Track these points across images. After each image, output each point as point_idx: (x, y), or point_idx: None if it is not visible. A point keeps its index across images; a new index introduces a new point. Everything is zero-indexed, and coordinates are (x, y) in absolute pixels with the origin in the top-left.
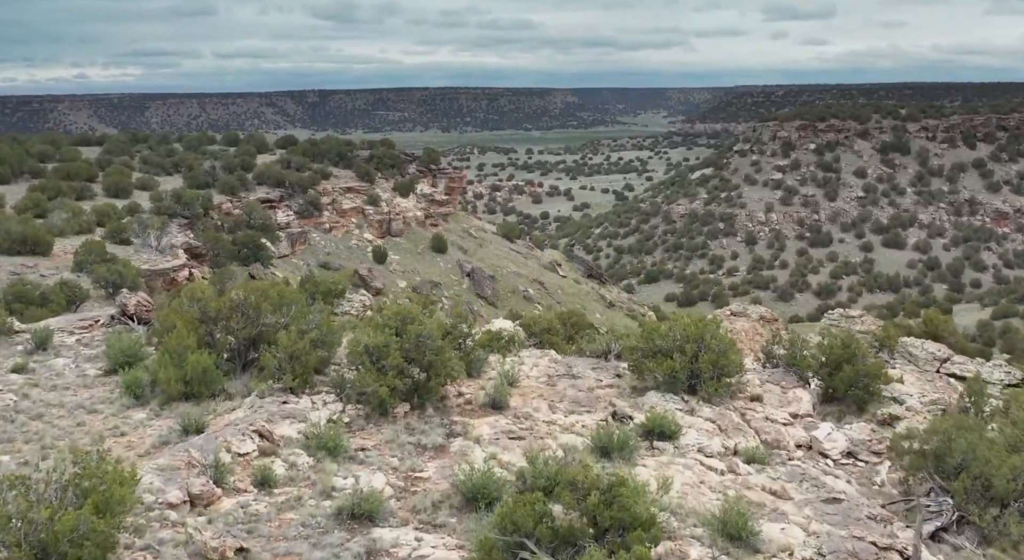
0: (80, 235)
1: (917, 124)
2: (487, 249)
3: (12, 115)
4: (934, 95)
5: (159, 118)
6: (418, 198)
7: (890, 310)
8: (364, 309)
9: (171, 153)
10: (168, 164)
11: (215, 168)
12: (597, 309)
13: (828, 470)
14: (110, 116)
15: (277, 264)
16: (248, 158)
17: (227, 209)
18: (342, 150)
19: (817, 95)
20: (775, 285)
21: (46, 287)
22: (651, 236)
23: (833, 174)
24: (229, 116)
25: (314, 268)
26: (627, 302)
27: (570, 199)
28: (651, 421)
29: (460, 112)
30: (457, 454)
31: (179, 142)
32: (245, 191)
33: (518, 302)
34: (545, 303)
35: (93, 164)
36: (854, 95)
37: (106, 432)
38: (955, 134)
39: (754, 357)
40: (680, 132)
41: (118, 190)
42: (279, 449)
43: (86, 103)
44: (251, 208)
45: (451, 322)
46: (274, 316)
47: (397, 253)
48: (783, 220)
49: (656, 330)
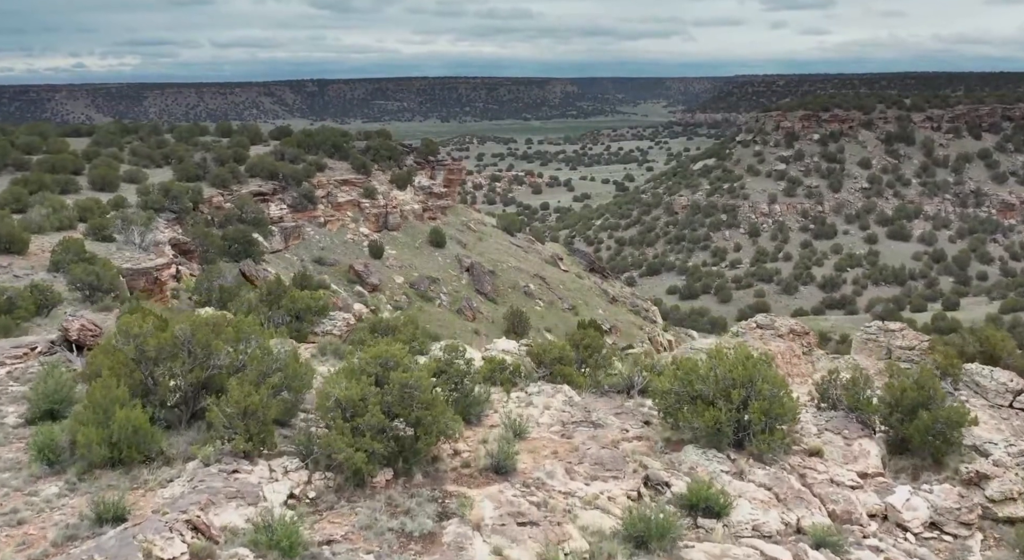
0: (61, 232)
1: (922, 114)
2: (487, 243)
3: (9, 105)
4: (936, 85)
5: (157, 108)
6: (416, 191)
7: (896, 303)
8: (348, 329)
9: (162, 144)
10: (158, 156)
11: (206, 160)
12: (600, 304)
13: (912, 551)
14: (108, 106)
15: (269, 260)
16: (241, 150)
17: (218, 203)
18: (337, 141)
19: (819, 85)
20: (779, 278)
21: (14, 291)
22: (653, 228)
23: (837, 165)
24: (227, 106)
25: (308, 264)
26: (630, 297)
27: (570, 190)
28: (694, 493)
29: (459, 101)
30: (451, 547)
31: (170, 133)
32: (237, 184)
33: (519, 298)
34: (546, 299)
35: (80, 156)
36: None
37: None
38: (960, 124)
39: (809, 394)
40: (680, 122)
41: (104, 183)
42: (217, 550)
43: (84, 93)
44: (243, 202)
45: (445, 357)
46: (229, 356)
47: (394, 248)
48: (787, 211)
49: (694, 370)
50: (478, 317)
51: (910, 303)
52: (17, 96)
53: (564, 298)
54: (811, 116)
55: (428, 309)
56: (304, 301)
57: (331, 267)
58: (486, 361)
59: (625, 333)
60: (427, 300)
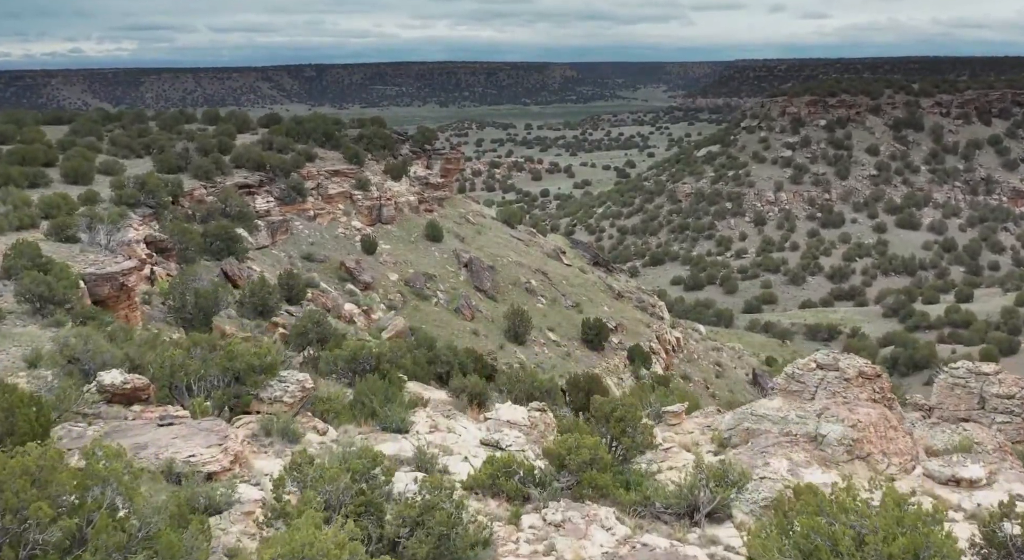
0: (21, 231)
1: (931, 99)
2: (486, 236)
3: (5, 90)
4: (940, 69)
5: (154, 93)
6: (411, 182)
7: (908, 295)
8: (304, 394)
9: (144, 133)
10: (139, 146)
11: (188, 150)
12: (604, 301)
13: None
14: (104, 91)
15: (255, 256)
16: (226, 139)
17: (200, 196)
18: (329, 129)
19: (820, 69)
20: (786, 268)
21: None
22: (656, 216)
23: (844, 151)
24: (225, 91)
25: (296, 260)
26: (635, 291)
27: (570, 176)
28: None
29: (458, 86)
30: None
31: (154, 120)
32: (221, 175)
33: (520, 295)
34: (549, 296)
35: (54, 146)
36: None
37: None
38: (970, 110)
39: (969, 541)
40: (681, 107)
41: (78, 176)
42: None
43: (80, 77)
44: (227, 194)
45: (423, 499)
46: (61, 524)
47: (388, 242)
48: (793, 199)
49: (821, 531)
50: (477, 316)
51: (922, 295)
52: (12, 81)
53: (567, 295)
54: (817, 101)
55: (424, 308)
56: (245, 358)
57: (321, 264)
58: (486, 463)
59: (631, 331)
60: (423, 299)
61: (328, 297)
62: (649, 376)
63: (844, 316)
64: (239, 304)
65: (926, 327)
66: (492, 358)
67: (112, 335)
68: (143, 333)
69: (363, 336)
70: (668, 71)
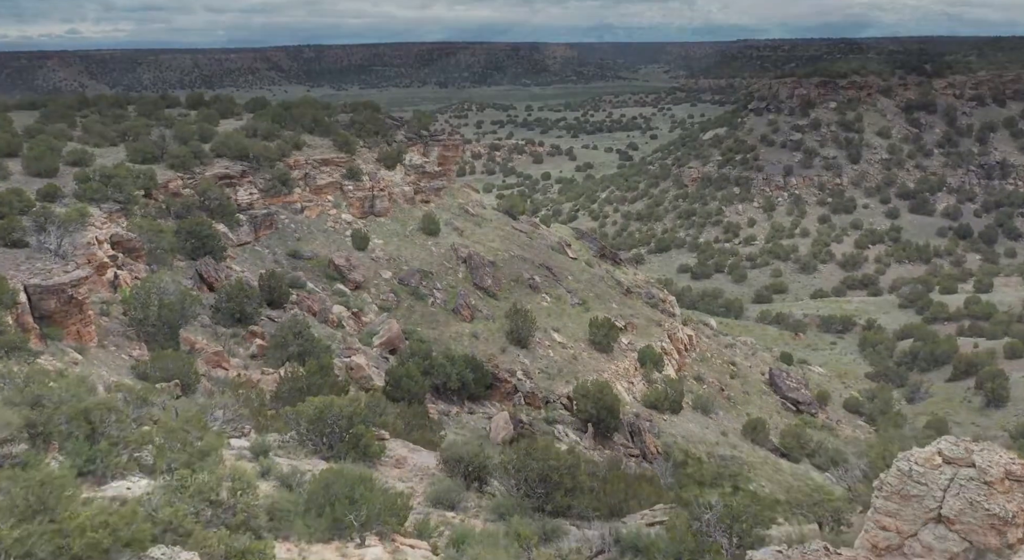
0: None
1: (943, 81)
2: (486, 229)
3: (0, 72)
4: (946, 49)
5: (151, 74)
6: (406, 170)
7: (924, 284)
8: None
9: (120, 119)
10: (114, 133)
11: (164, 138)
12: (613, 297)
13: None
14: (101, 72)
15: (235, 255)
16: (207, 125)
17: (175, 188)
18: (318, 115)
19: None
20: (796, 256)
21: None
22: (661, 201)
23: (855, 134)
24: (223, 72)
25: (281, 258)
26: (644, 286)
27: (572, 159)
28: None
29: (458, 67)
30: None
31: (132, 105)
32: (200, 165)
33: (522, 292)
34: (553, 293)
35: (19, 135)
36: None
37: None
38: (984, 91)
39: None
40: (683, 88)
41: (42, 168)
42: None
43: (77, 59)
44: (205, 186)
45: None
46: None
47: (381, 236)
48: (803, 184)
49: None
50: (476, 316)
51: (938, 284)
52: (8, 63)
53: (573, 291)
54: (827, 83)
55: (420, 308)
56: (128, 536)
57: (308, 261)
58: None
59: (642, 329)
60: (418, 298)
61: (315, 299)
62: (662, 380)
63: (858, 307)
64: (214, 310)
65: (944, 319)
66: (493, 365)
67: (30, 378)
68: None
69: (352, 343)
70: (668, 51)
